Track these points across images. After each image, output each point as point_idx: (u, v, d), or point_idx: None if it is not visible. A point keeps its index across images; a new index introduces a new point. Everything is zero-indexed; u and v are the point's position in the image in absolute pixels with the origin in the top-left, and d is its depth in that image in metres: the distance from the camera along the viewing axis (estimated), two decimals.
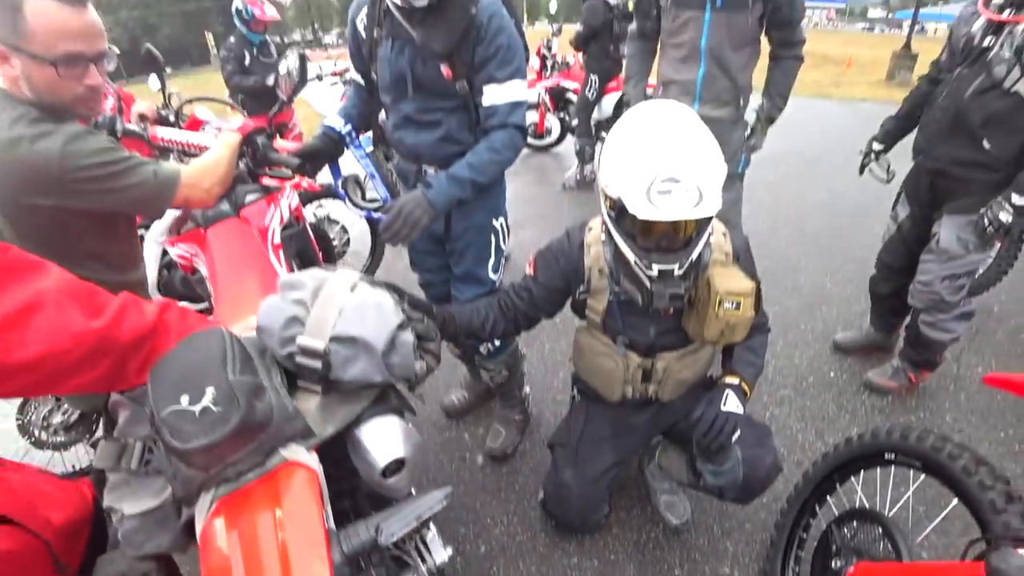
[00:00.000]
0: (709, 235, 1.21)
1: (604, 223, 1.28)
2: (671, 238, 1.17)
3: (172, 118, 2.38)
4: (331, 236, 3.00)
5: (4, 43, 1.07)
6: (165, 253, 2.49)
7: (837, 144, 6.43)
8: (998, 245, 2.68)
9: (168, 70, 2.34)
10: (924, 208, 2.09)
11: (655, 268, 1.16)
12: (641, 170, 1.07)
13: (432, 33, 1.34)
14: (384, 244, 3.24)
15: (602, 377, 1.51)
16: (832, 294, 3.13)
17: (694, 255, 1.17)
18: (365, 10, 1.47)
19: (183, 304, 2.50)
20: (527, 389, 2.19)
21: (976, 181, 1.84)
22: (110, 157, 1.14)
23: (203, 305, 2.52)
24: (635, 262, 1.19)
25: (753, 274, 1.35)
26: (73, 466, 2.05)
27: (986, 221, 1.79)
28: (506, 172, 1.55)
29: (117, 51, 1.27)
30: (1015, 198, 1.72)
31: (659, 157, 1.07)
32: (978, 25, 1.81)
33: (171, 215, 2.40)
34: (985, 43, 1.77)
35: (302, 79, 1.54)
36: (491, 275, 1.71)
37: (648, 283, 1.19)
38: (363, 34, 1.50)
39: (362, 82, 1.63)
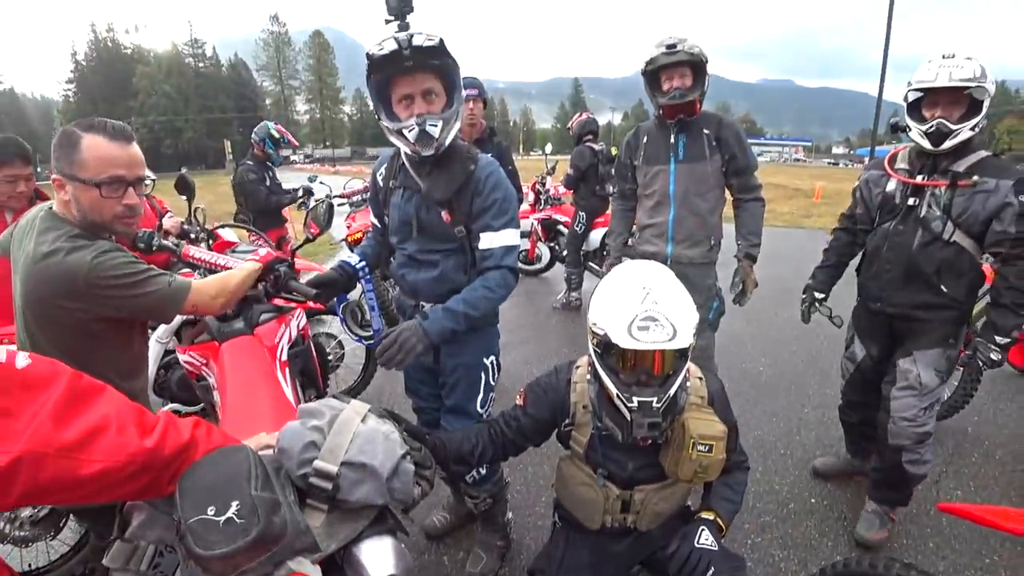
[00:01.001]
0: (685, 378, 1.34)
1: (591, 363, 1.42)
2: (650, 374, 1.30)
3: (193, 235, 2.61)
4: (327, 350, 3.14)
5: (61, 173, 1.32)
6: (164, 355, 2.60)
7: (810, 271, 6.81)
8: (960, 370, 2.84)
9: (184, 169, 2.64)
10: (883, 347, 2.24)
11: (635, 400, 1.28)
12: (625, 310, 1.25)
13: (436, 183, 1.60)
14: (376, 365, 3.37)
15: (582, 506, 1.56)
16: (810, 419, 3.21)
17: (671, 391, 1.29)
18: (385, 166, 1.77)
19: (174, 405, 2.57)
20: (510, 515, 2.20)
21: (937, 319, 2.03)
22: (131, 269, 1.35)
23: (196, 408, 2.59)
24: (617, 395, 1.30)
25: (727, 417, 1.47)
26: (30, 565, 2.00)
27: (979, 362, 1.92)
28: None
29: (154, 177, 1.51)
30: (999, 339, 1.89)
31: (640, 301, 1.25)
32: (893, 186, 2.06)
33: (179, 320, 2.55)
34: (909, 202, 2.00)
35: (328, 223, 1.81)
36: (479, 409, 1.81)
37: (628, 414, 1.30)
38: (381, 184, 1.78)
39: (379, 224, 1.88)
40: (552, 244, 6.03)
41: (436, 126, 1.49)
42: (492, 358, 1.82)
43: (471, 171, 1.60)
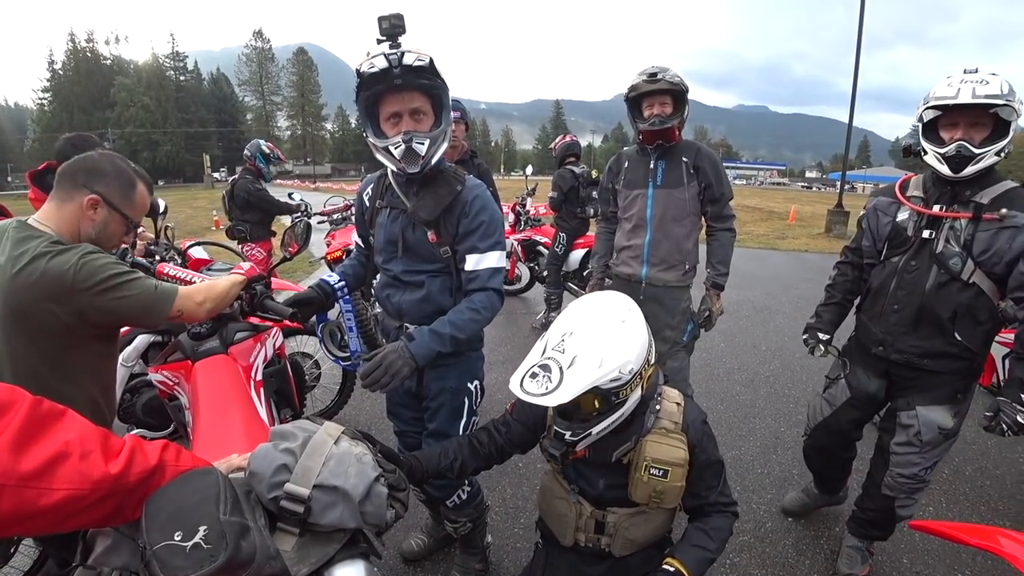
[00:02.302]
0: (622, 415, 1.30)
1: None
2: (574, 409, 1.31)
3: (160, 255, 2.56)
4: (303, 370, 3.09)
5: (109, 199, 1.43)
6: (130, 379, 2.53)
7: (785, 292, 6.99)
8: None
9: (160, 183, 2.60)
10: (873, 397, 2.03)
11: (553, 428, 1.33)
12: (533, 354, 1.25)
13: (422, 203, 1.59)
14: (352, 385, 3.33)
15: (556, 520, 1.57)
16: (786, 438, 3.25)
17: (594, 429, 1.29)
18: (372, 186, 1.76)
19: (140, 431, 2.49)
20: (489, 538, 2.17)
21: (946, 371, 1.81)
22: (117, 269, 1.37)
23: (163, 434, 2.51)
24: (555, 429, 1.35)
25: (706, 450, 1.42)
26: None
27: (1003, 427, 1.67)
28: None
29: None
30: None
31: (552, 346, 1.23)
32: (906, 215, 1.84)
33: (144, 341, 2.48)
34: (924, 235, 1.77)
35: (306, 241, 1.80)
36: (461, 434, 1.77)
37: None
38: (367, 203, 1.77)
39: (363, 245, 1.87)
40: (532, 264, 6.09)
41: (423, 144, 1.49)
42: (476, 383, 1.80)
43: (458, 192, 1.60)
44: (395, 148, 1.49)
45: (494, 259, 1.62)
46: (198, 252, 3.11)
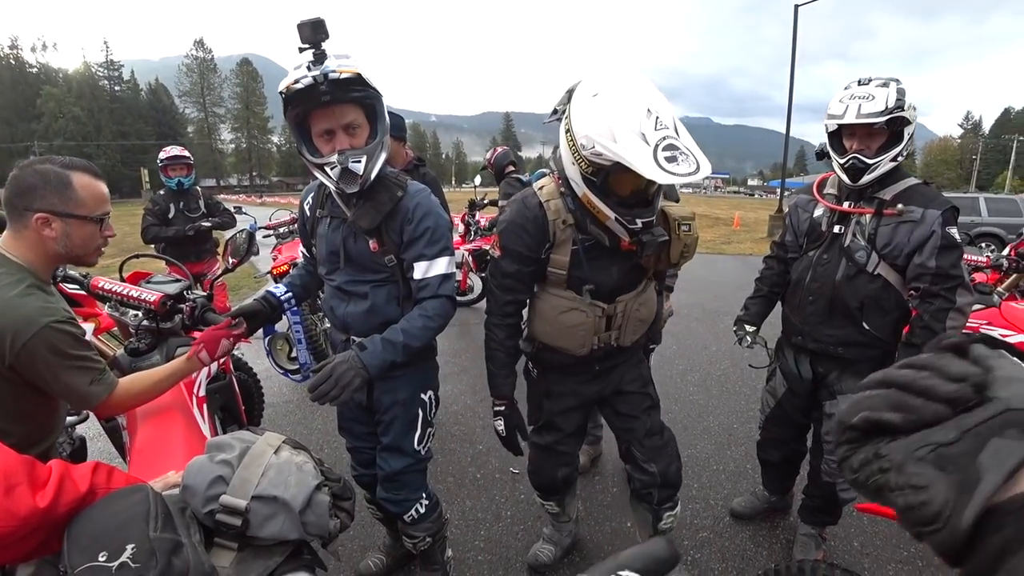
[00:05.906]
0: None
1: (558, 182, 1.56)
2: (643, 193, 1.41)
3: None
4: (253, 385, 2.91)
5: (53, 211, 1.29)
6: None
7: (733, 295, 7.24)
8: None
9: None
10: (806, 385, 2.09)
11: (639, 221, 1.40)
12: (638, 138, 1.25)
13: (362, 212, 1.53)
14: (262, 405, 3.05)
15: (570, 333, 1.62)
16: (739, 434, 3.34)
17: (656, 205, 1.43)
18: (312, 195, 1.69)
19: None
20: (449, 552, 2.10)
21: (860, 359, 1.90)
22: (77, 351, 1.25)
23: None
24: (616, 218, 1.40)
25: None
26: None
27: None
28: None
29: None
30: None
31: (648, 127, 1.26)
32: (821, 211, 1.96)
33: None
34: (835, 229, 1.89)
35: (247, 253, 1.71)
36: (416, 447, 1.72)
37: (629, 236, 1.46)
38: (308, 213, 1.70)
39: (308, 255, 1.80)
40: (484, 274, 6.03)
41: (359, 162, 1.42)
42: (430, 393, 1.74)
43: (399, 199, 1.54)
44: (331, 169, 1.42)
45: (443, 265, 1.57)
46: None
